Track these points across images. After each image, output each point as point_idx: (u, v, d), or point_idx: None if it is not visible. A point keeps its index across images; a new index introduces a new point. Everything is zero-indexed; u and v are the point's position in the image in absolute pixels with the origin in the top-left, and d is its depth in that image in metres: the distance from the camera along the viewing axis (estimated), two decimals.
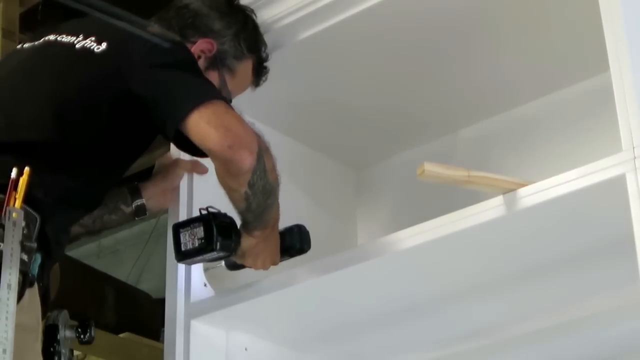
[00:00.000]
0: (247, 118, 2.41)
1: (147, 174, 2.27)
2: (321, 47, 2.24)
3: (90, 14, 2.06)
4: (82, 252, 4.54)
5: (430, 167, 1.87)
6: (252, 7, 2.26)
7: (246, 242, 2.02)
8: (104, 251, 4.59)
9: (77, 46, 1.96)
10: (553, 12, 2.15)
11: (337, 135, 2.48)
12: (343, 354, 2.35)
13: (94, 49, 1.94)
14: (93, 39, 1.95)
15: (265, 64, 2.19)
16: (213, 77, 2.08)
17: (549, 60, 2.29)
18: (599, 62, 1.91)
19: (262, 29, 2.24)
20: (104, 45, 1.94)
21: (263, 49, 2.18)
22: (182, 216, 2.23)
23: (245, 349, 2.25)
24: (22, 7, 3.53)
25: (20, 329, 1.69)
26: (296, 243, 2.09)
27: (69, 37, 1.99)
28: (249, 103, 2.42)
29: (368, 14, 2.14)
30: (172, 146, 2.26)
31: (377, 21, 2.17)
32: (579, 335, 2.11)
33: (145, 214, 2.19)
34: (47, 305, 1.89)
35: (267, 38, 2.25)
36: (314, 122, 2.49)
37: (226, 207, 2.33)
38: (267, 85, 2.37)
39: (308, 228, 2.48)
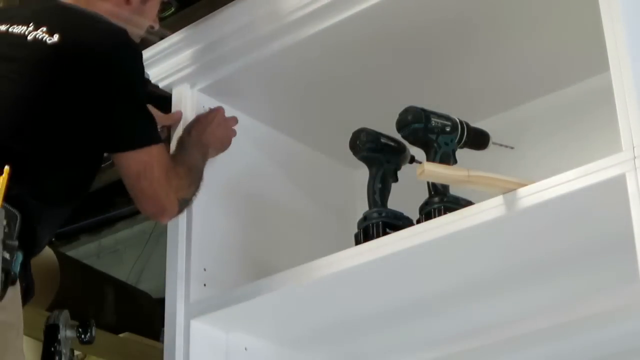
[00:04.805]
0: (247, 118, 2.44)
1: None
2: (321, 47, 2.24)
3: None
4: (82, 252, 4.54)
5: (430, 167, 1.87)
6: (251, 7, 2.27)
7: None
8: (104, 251, 4.58)
9: (28, 38, 1.97)
10: (553, 12, 2.15)
11: (337, 134, 2.48)
12: (343, 354, 2.35)
13: (46, 40, 1.95)
14: (44, 29, 1.96)
15: None
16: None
17: (549, 60, 2.29)
18: (599, 62, 1.91)
19: (261, 29, 2.25)
20: (56, 37, 1.95)
21: None
22: (182, 219, 2.24)
23: (245, 349, 2.25)
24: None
25: (2, 326, 1.69)
26: None
27: (20, 27, 1.99)
28: (249, 103, 2.42)
29: (368, 14, 2.14)
30: None
31: (377, 21, 2.17)
32: (579, 335, 2.11)
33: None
34: (27, 302, 1.89)
35: (267, 38, 2.25)
36: (314, 122, 2.49)
37: (226, 210, 2.34)
38: (266, 84, 2.37)
39: (308, 228, 2.50)
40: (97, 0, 2.12)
